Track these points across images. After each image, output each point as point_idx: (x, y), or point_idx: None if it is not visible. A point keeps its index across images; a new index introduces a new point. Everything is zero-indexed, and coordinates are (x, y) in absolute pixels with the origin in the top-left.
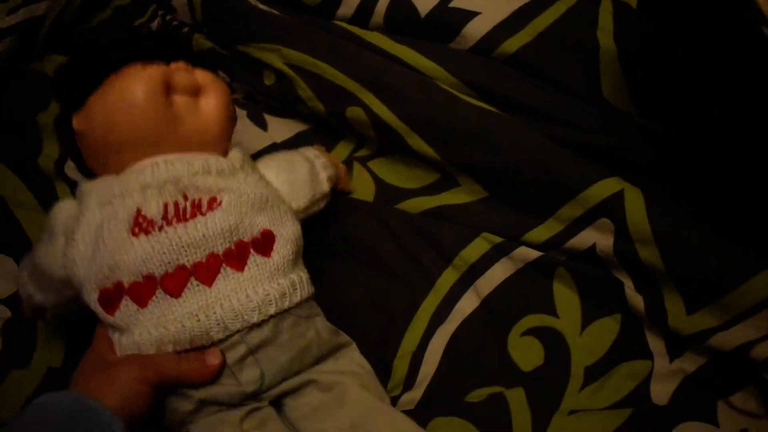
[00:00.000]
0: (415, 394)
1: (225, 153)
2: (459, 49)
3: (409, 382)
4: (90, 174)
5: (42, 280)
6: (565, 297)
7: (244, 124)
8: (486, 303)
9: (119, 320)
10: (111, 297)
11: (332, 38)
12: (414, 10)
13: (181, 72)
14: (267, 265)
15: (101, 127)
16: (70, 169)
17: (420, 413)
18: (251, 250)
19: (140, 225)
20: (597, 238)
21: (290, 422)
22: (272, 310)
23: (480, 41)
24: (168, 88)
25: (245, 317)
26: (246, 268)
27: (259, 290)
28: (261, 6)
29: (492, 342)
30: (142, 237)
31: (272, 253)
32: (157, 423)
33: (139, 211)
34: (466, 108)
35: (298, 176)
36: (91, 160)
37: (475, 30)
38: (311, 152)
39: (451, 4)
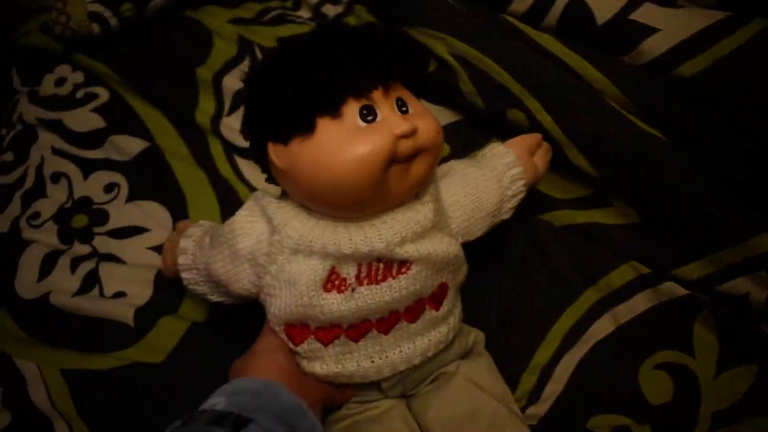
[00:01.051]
0: (539, 410)
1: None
2: (632, 64)
3: (534, 397)
4: (274, 182)
5: (220, 287)
6: (705, 338)
7: None
8: (622, 330)
9: (302, 351)
10: (296, 332)
11: (501, 34)
12: (591, 16)
13: (406, 132)
14: (435, 317)
15: (306, 178)
16: (226, 128)
17: (541, 430)
18: (426, 306)
19: (333, 282)
20: (752, 288)
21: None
22: (430, 354)
23: (656, 59)
24: (390, 161)
25: (411, 361)
26: (419, 320)
27: (425, 339)
28: None
29: (623, 370)
30: (334, 294)
31: (441, 308)
32: None
33: (333, 268)
34: (631, 129)
35: (480, 209)
36: (283, 183)
37: (653, 47)
38: (507, 157)
39: (631, 16)
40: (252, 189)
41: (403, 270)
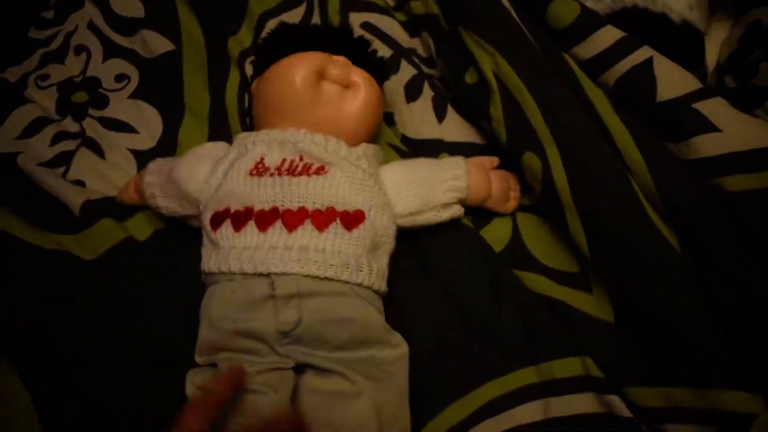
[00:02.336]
0: None
1: (353, 145)
2: (676, 155)
3: None
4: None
5: (172, 190)
6: None
7: (424, 107)
8: (549, 424)
9: (218, 237)
10: (219, 218)
11: (553, 73)
12: (653, 89)
13: (339, 65)
14: (344, 236)
15: (265, 92)
16: (250, 66)
17: None
18: (337, 219)
19: (258, 169)
20: None
21: (300, 395)
22: (330, 273)
23: (704, 160)
24: (321, 75)
25: (305, 265)
26: (325, 231)
27: (327, 251)
28: (504, 1)
29: None
30: (255, 178)
31: (354, 230)
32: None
33: (262, 159)
34: (646, 226)
35: (410, 181)
36: (254, 118)
37: (706, 147)
38: (456, 162)
39: (696, 105)
40: (244, 125)
41: (320, 172)
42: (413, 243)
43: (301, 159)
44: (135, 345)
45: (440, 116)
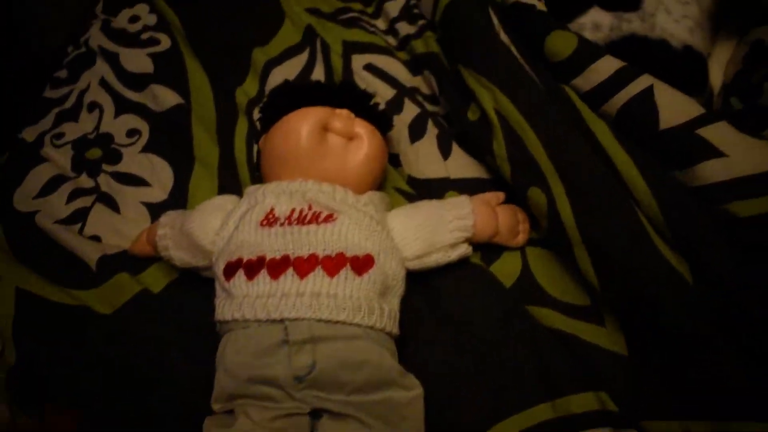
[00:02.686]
0: None
1: (360, 193)
2: (683, 182)
3: None
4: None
5: (185, 243)
6: None
7: (429, 144)
8: None
9: (232, 286)
10: (231, 267)
11: (553, 107)
12: (655, 117)
13: (342, 118)
14: (355, 281)
15: (272, 147)
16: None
17: None
18: (348, 264)
19: (269, 219)
20: None
21: None
22: (343, 316)
23: (711, 186)
24: (325, 128)
25: (317, 310)
26: (336, 276)
27: (338, 296)
28: (502, 36)
29: None
30: (266, 228)
31: (364, 275)
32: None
33: (272, 209)
34: (655, 258)
35: (415, 225)
36: (263, 172)
37: (713, 172)
38: (461, 202)
39: (699, 131)
40: (252, 174)
41: (329, 220)
42: (423, 284)
43: (310, 208)
44: (153, 395)
45: (445, 153)
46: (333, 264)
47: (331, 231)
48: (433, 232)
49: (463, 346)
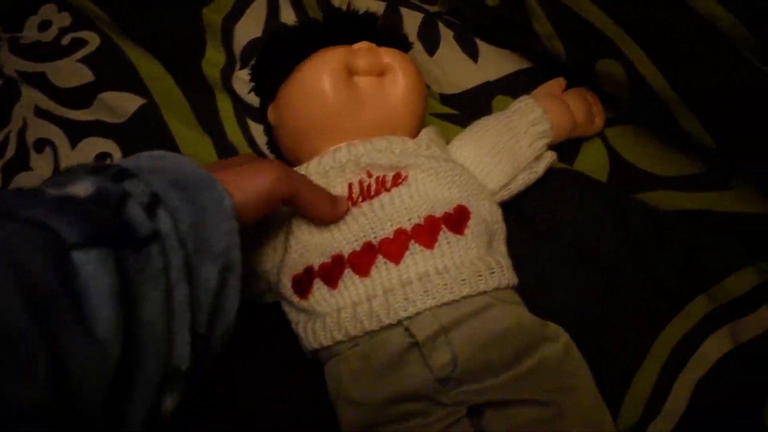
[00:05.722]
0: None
1: (415, 135)
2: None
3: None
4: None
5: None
6: None
7: (450, 50)
8: (742, 350)
9: (312, 304)
10: (302, 281)
11: None
12: None
13: (363, 53)
14: (459, 243)
15: (289, 116)
16: (239, 82)
17: None
18: (442, 227)
19: None
20: None
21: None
22: (465, 291)
23: None
24: (350, 71)
25: (435, 296)
26: (436, 245)
27: (450, 268)
28: None
29: (744, 401)
30: None
31: (466, 231)
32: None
33: None
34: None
35: (489, 150)
36: (287, 153)
37: None
38: (527, 105)
39: None
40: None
41: (398, 182)
42: (514, 215)
43: (370, 175)
44: None
45: (473, 55)
46: (426, 232)
47: (408, 193)
48: (511, 152)
49: (586, 266)
